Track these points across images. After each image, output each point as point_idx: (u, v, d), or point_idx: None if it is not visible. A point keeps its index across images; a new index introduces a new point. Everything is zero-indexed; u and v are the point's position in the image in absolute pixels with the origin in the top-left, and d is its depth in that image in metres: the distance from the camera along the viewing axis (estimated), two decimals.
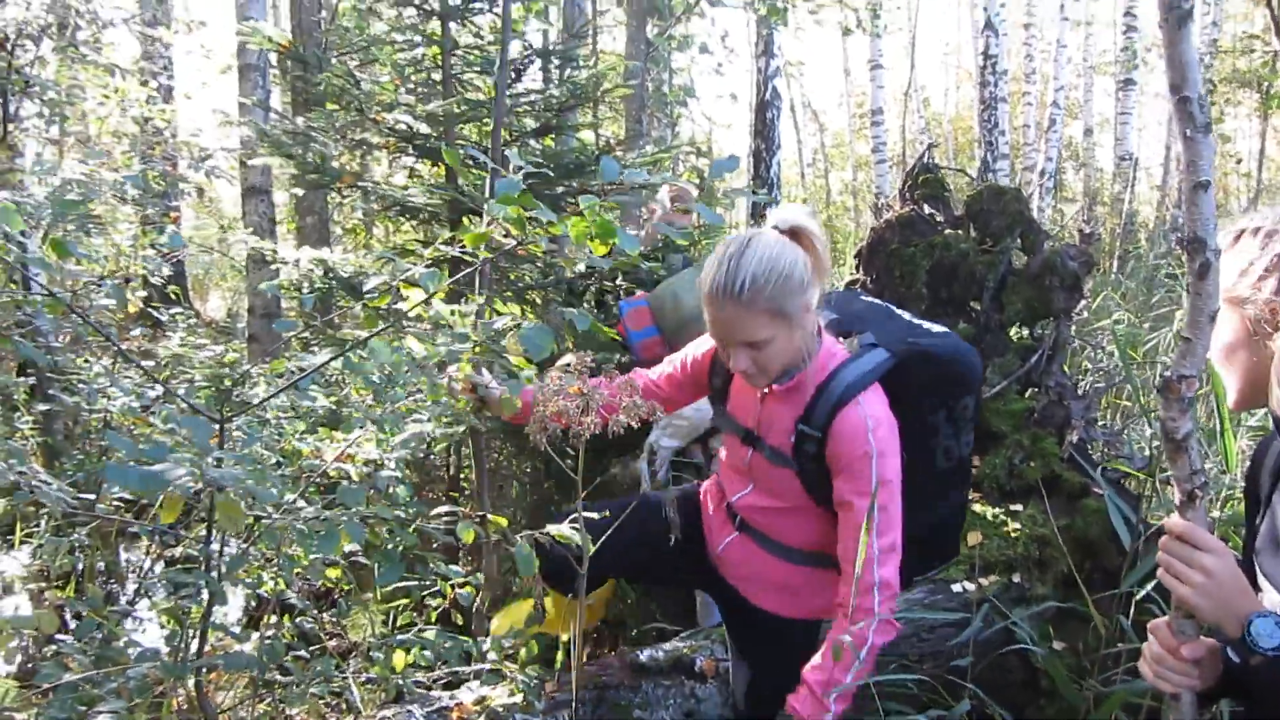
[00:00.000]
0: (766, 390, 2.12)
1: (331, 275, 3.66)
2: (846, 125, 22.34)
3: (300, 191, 4.63)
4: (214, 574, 2.00)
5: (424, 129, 4.27)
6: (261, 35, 3.95)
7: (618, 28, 7.24)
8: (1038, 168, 15.76)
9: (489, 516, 2.14)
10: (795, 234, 2.01)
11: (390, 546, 1.87)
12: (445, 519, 2.02)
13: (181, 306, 6.31)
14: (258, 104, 4.80)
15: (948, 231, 3.81)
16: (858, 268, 4.02)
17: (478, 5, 4.48)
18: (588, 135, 5.26)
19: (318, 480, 2.86)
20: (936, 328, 2.17)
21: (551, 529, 1.97)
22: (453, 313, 2.14)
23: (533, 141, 4.66)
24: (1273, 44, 12.05)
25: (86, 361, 4.39)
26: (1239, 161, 18.75)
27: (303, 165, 3.88)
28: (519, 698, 2.38)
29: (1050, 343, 3.56)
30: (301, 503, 2.54)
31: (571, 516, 2.08)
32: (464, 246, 1.91)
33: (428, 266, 1.95)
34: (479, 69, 4.52)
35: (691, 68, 7.44)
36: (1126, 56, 15.27)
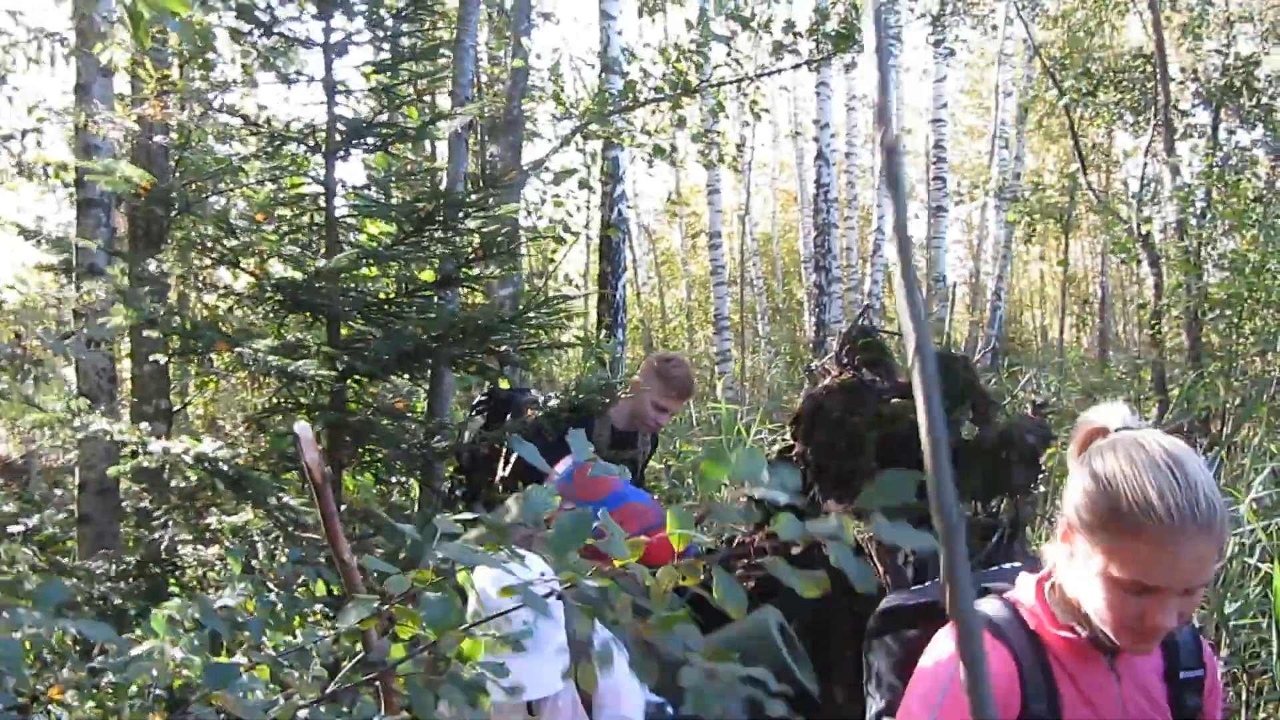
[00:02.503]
0: (1114, 664, 1.57)
1: (207, 466, 3.07)
2: (679, 245, 22.75)
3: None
4: None
5: (301, 276, 3.78)
6: (118, 176, 3.39)
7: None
8: (865, 289, 16.38)
9: None
10: None
11: None
12: None
13: None
14: (102, 248, 4.15)
15: (895, 400, 3.60)
16: (794, 436, 3.75)
17: (366, 141, 4.06)
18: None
19: None
20: None
21: None
22: None
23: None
24: (1080, 182, 12.97)
25: None
26: (1078, 288, 20.28)
27: (167, 328, 3.31)
28: None
29: (1009, 521, 3.36)
30: None
31: None
32: None
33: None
34: (366, 211, 4.08)
35: (568, 201, 7.20)
36: (937, 186, 16.13)
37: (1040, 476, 3.39)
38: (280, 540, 3.26)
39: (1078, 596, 1.52)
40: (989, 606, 1.64)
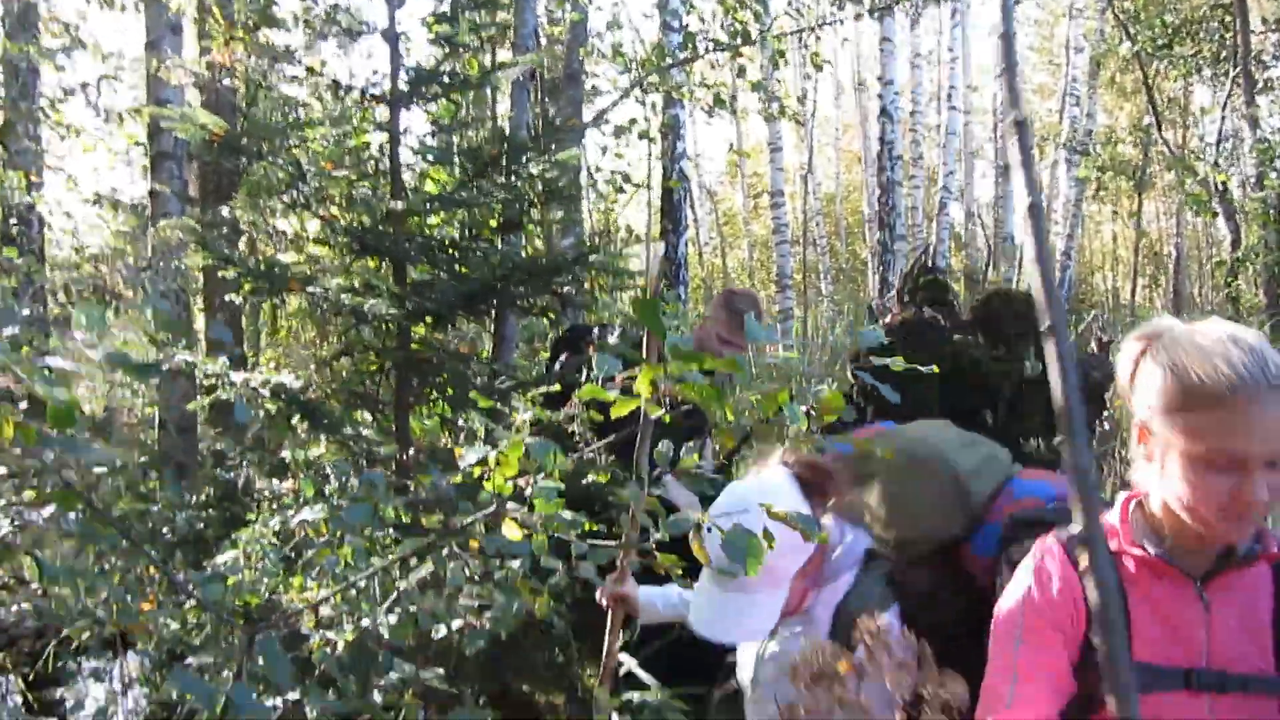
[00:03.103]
0: (1204, 592, 1.47)
1: (284, 397, 3.18)
2: (740, 205, 22.65)
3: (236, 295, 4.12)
4: None
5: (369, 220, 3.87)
6: (192, 123, 3.49)
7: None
8: (931, 249, 16.15)
9: None
10: None
11: None
12: None
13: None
14: (176, 194, 4.29)
15: (956, 338, 3.59)
16: (854, 374, 3.75)
17: (429, 89, 4.11)
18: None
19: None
20: None
21: None
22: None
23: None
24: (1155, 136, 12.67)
25: None
26: (1153, 249, 19.83)
27: (243, 269, 3.42)
28: None
29: None
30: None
31: None
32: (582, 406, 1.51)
33: (535, 434, 1.54)
34: (431, 159, 4.14)
35: (628, 154, 7.24)
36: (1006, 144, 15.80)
37: (1105, 414, 3.36)
38: (352, 473, 3.36)
39: (1164, 497, 1.45)
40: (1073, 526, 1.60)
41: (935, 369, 1.81)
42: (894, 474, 2.04)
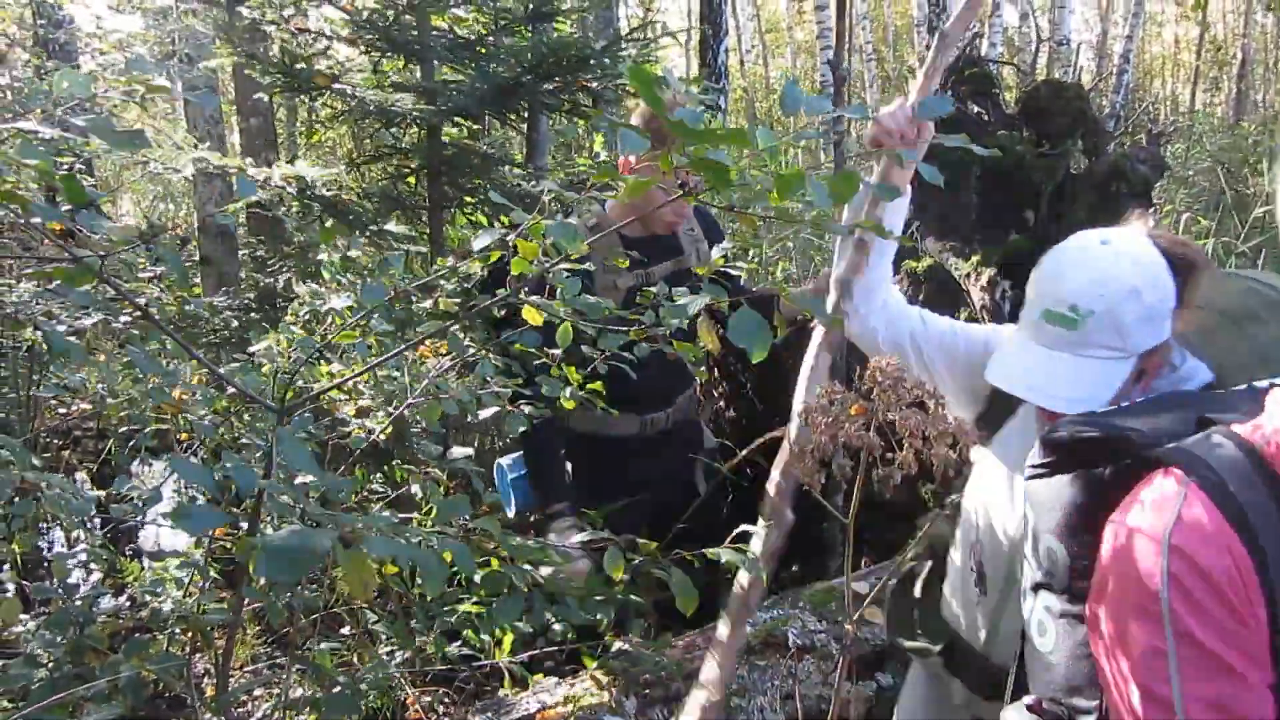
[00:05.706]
0: None
1: (310, 195, 3.17)
2: (784, 9, 21.69)
3: (260, 95, 4.06)
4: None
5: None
6: None
7: None
8: (982, 52, 15.41)
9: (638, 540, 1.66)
10: None
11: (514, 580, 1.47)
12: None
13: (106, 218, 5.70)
14: None
15: (1000, 133, 3.46)
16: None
17: None
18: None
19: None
20: None
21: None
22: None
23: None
24: None
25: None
26: (1218, 50, 18.94)
27: (269, 66, 3.34)
28: (606, 696, 2.07)
29: None
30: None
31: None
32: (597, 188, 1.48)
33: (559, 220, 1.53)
34: None
35: None
36: None
37: (1152, 210, 3.27)
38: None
39: None
40: (1212, 449, 1.05)
41: (998, 152, 1.73)
42: (1240, 314, 1.52)
